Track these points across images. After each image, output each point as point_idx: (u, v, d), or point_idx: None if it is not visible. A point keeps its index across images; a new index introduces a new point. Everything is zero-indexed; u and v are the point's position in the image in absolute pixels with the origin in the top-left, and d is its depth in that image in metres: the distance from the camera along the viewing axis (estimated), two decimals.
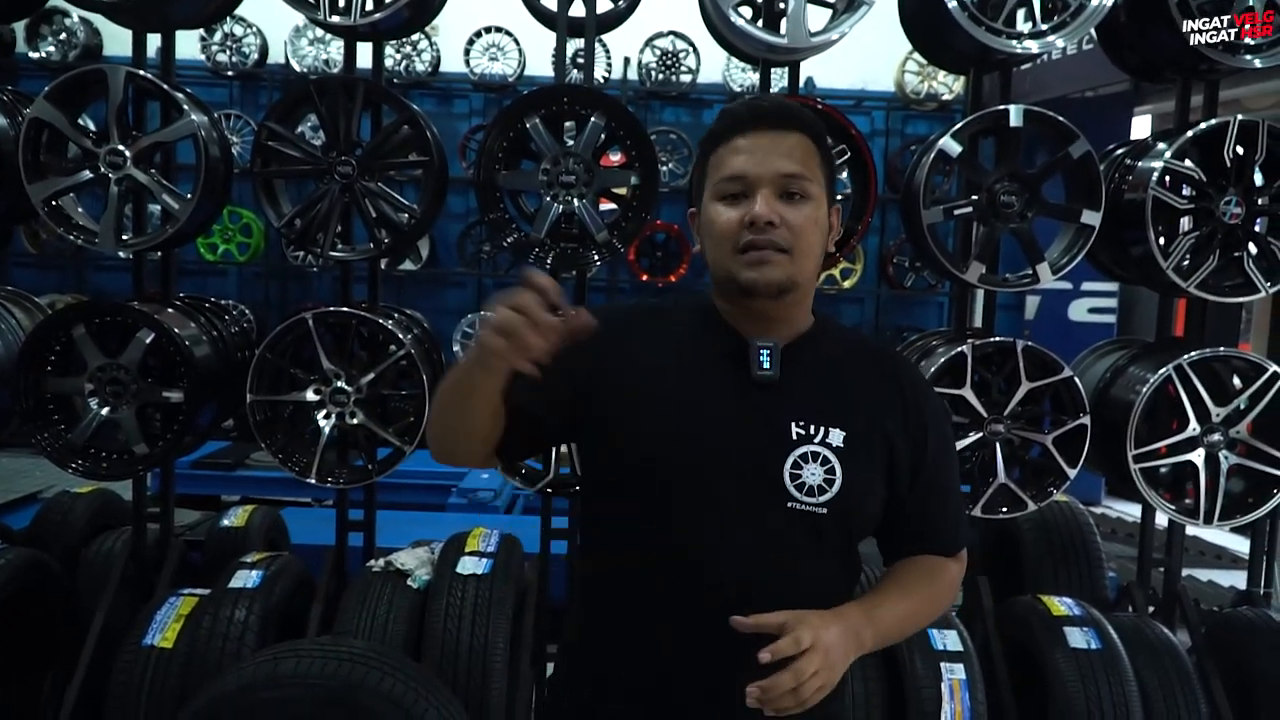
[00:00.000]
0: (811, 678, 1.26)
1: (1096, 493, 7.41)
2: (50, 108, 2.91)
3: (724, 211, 1.42)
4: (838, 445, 1.42)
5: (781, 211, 1.39)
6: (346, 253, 3.14)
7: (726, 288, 1.45)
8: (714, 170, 1.45)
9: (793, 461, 1.40)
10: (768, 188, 1.40)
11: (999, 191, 2.99)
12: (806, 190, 1.42)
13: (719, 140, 1.45)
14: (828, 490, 1.40)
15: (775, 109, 1.44)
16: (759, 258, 1.39)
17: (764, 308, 1.44)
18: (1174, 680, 2.86)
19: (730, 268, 1.42)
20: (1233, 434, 3.05)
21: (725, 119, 1.47)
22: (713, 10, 3.08)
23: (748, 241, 1.39)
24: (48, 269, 8.62)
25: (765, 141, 1.42)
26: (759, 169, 1.40)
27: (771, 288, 1.41)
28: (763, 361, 1.43)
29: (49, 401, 3.04)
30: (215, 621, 2.79)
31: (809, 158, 1.43)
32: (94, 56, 8.27)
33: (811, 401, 1.44)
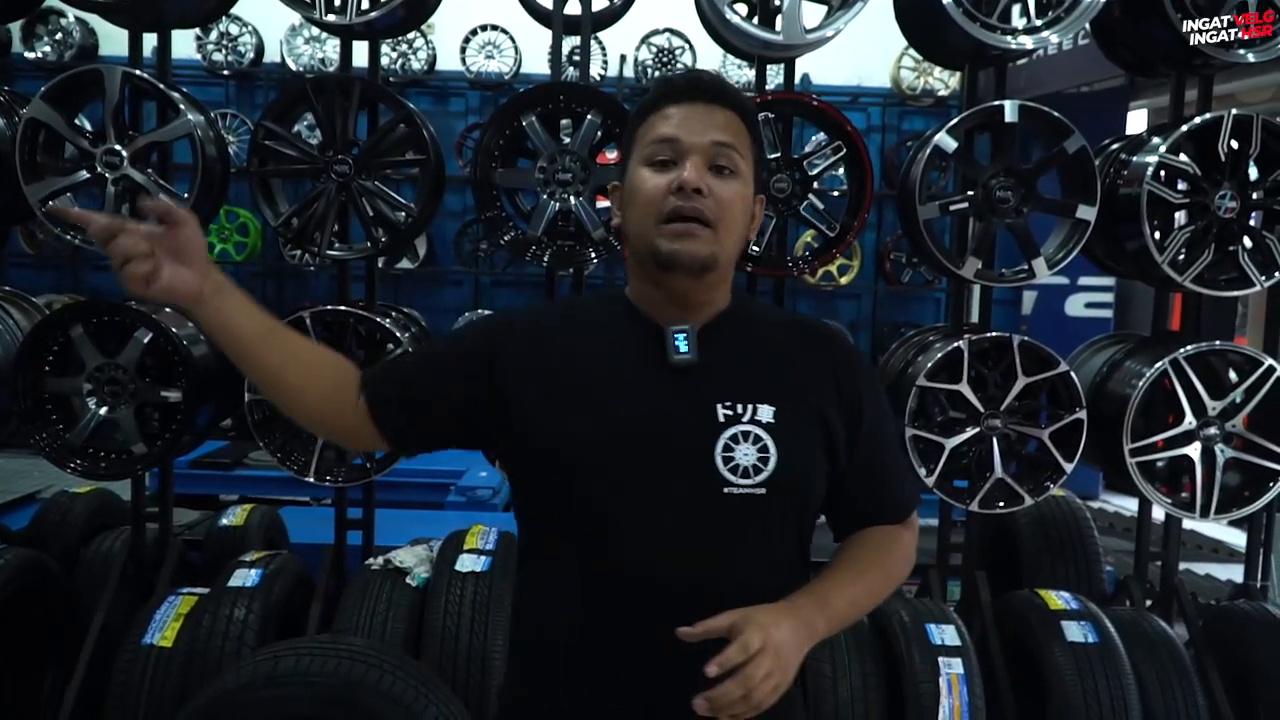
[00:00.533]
0: (764, 680, 1.21)
1: (1094, 487, 7.43)
2: (47, 108, 2.91)
3: (651, 177, 1.37)
4: (768, 421, 1.36)
5: (710, 183, 1.35)
6: (343, 252, 3.15)
7: (645, 262, 1.39)
8: (643, 136, 1.40)
9: (723, 444, 1.34)
10: (698, 155, 1.35)
11: (995, 187, 3.00)
12: (736, 165, 1.38)
13: (650, 109, 1.41)
14: (763, 469, 1.34)
15: (712, 82, 1.41)
16: (684, 229, 1.34)
17: (682, 287, 1.39)
18: (1171, 674, 2.86)
19: (652, 238, 1.36)
20: (1229, 428, 3.06)
21: (660, 87, 1.43)
22: (708, 7, 3.09)
23: (673, 209, 1.34)
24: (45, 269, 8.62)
25: (699, 111, 1.38)
26: (691, 136, 1.36)
27: (695, 262, 1.35)
28: (679, 345, 1.37)
29: (47, 401, 3.05)
30: (215, 620, 2.80)
31: (740, 135, 1.39)
32: (90, 56, 8.26)
33: (736, 380, 1.39)
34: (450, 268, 8.79)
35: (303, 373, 1.45)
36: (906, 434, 3.02)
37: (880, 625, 2.92)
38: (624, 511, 1.35)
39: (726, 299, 1.46)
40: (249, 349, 1.41)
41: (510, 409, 1.41)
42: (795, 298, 8.70)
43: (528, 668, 1.46)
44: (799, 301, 8.79)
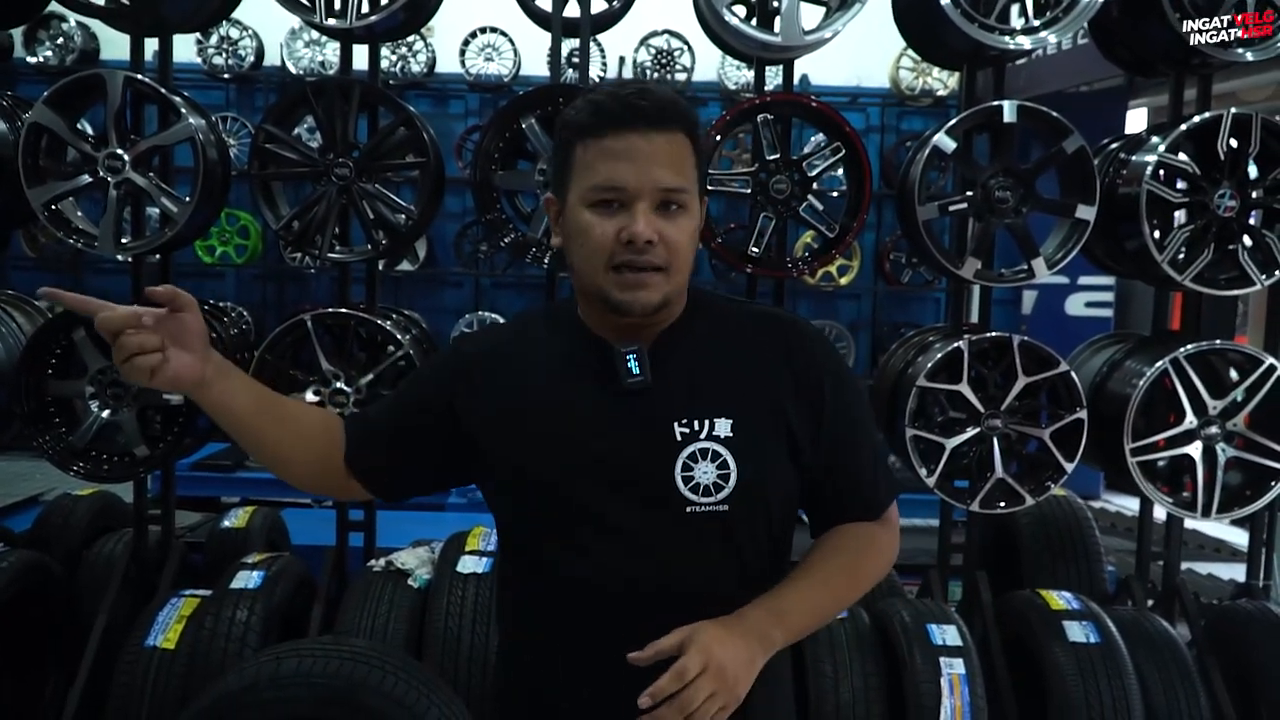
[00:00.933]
0: (706, 703, 1.19)
1: (1096, 487, 7.42)
2: (49, 112, 2.92)
3: (596, 223, 1.31)
4: (726, 435, 1.34)
5: (660, 228, 1.29)
6: (344, 254, 3.15)
7: (595, 301, 1.36)
8: (584, 171, 1.32)
9: (682, 464, 1.33)
10: (645, 200, 1.29)
11: (994, 187, 3.00)
12: (685, 202, 1.32)
13: (587, 133, 1.31)
14: (725, 486, 1.33)
15: (652, 106, 1.30)
16: (636, 281, 1.30)
17: (633, 324, 1.35)
18: (1173, 673, 2.86)
19: (602, 284, 1.32)
20: (1230, 427, 3.06)
21: (595, 113, 1.31)
22: (707, 9, 3.09)
23: (624, 260, 1.30)
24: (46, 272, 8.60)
25: (642, 145, 1.29)
26: (638, 181, 1.29)
27: (648, 309, 1.32)
28: (631, 368, 1.34)
29: (50, 404, 3.06)
30: (217, 622, 2.80)
31: (685, 162, 1.33)
32: (91, 61, 8.27)
33: (690, 396, 1.36)
34: (451, 270, 8.79)
35: (297, 444, 1.47)
36: (907, 434, 3.03)
37: (881, 625, 2.93)
38: (588, 537, 1.35)
39: (679, 309, 1.41)
40: (247, 427, 1.42)
41: (475, 444, 1.42)
42: (795, 298, 8.70)
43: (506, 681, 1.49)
44: (799, 302, 8.78)
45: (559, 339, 1.44)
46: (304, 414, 1.53)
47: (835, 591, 1.41)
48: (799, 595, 1.36)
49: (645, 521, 1.34)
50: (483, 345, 1.50)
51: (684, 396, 1.36)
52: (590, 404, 1.37)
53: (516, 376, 1.42)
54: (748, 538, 1.37)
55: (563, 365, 1.41)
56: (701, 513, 1.33)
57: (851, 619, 2.95)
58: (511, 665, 1.49)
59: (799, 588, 1.37)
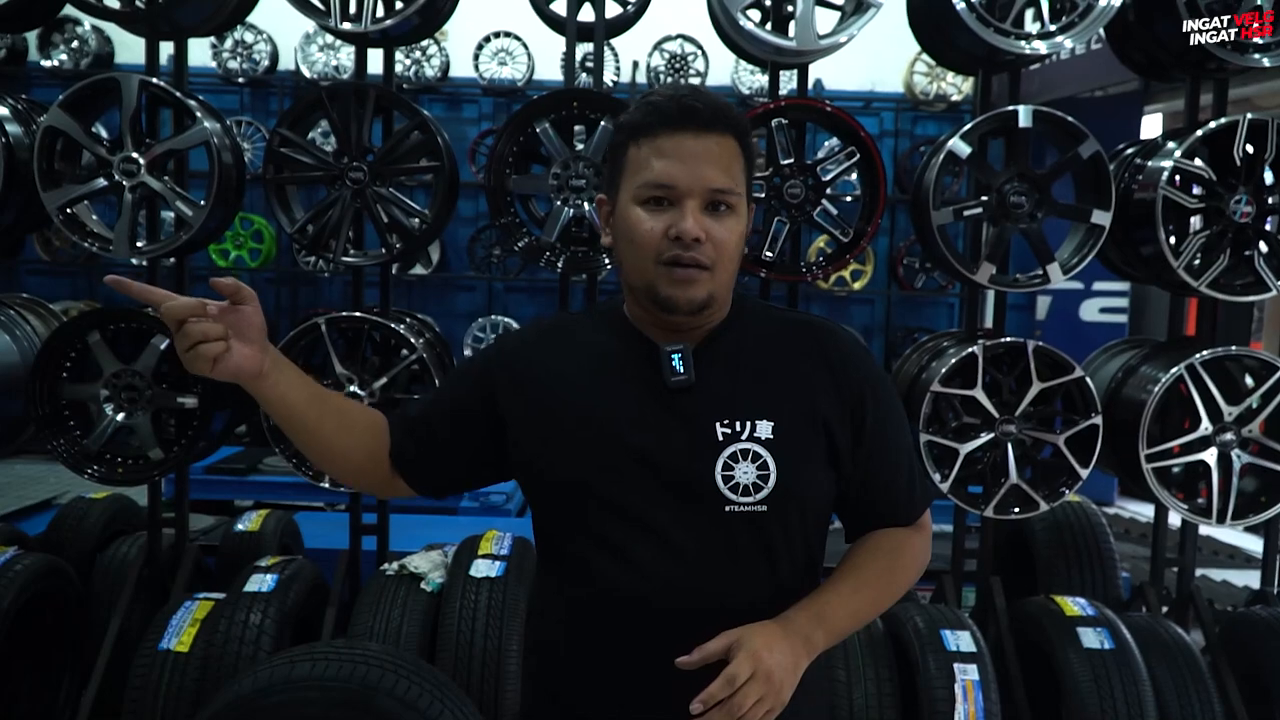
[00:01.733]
0: (754, 708, 1.21)
1: (1110, 493, 7.39)
2: (65, 116, 2.93)
3: (646, 219, 1.34)
4: (767, 437, 1.36)
5: (708, 227, 1.33)
6: (358, 258, 3.16)
7: (643, 297, 1.39)
8: (636, 168, 1.36)
9: (723, 463, 1.35)
10: (696, 199, 1.33)
11: (1009, 192, 2.99)
12: (733, 204, 1.36)
13: (640, 132, 1.35)
14: (764, 486, 1.34)
15: (706, 109, 1.34)
16: (684, 276, 1.33)
17: (679, 321, 1.38)
18: (1188, 680, 2.85)
19: (651, 278, 1.35)
20: (1245, 433, 3.05)
21: (651, 113, 1.35)
22: (721, 13, 3.09)
23: (672, 256, 1.33)
24: (61, 276, 8.66)
25: (694, 145, 1.33)
26: (688, 180, 1.32)
27: (693, 305, 1.35)
28: (676, 366, 1.37)
29: (65, 408, 3.07)
30: (230, 625, 2.81)
31: (735, 164, 1.36)
32: (106, 65, 8.31)
33: (733, 397, 1.38)
34: (464, 274, 8.80)
35: (346, 438, 1.50)
36: (921, 440, 3.01)
37: (895, 631, 2.92)
38: (628, 533, 1.36)
39: (724, 312, 1.44)
40: (300, 419, 1.45)
41: (515, 441, 1.44)
42: (808, 303, 8.68)
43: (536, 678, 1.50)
44: (812, 307, 8.76)
45: (604, 336, 1.46)
46: (353, 409, 1.54)
47: (873, 595, 1.43)
48: (839, 599, 1.38)
49: (684, 519, 1.35)
50: (527, 339, 1.51)
51: (727, 397, 1.38)
52: (633, 401, 1.39)
53: (559, 371, 1.44)
54: (783, 540, 1.38)
55: (606, 362, 1.43)
56: (740, 513, 1.35)
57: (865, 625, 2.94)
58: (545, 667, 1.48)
59: (839, 591, 1.39)
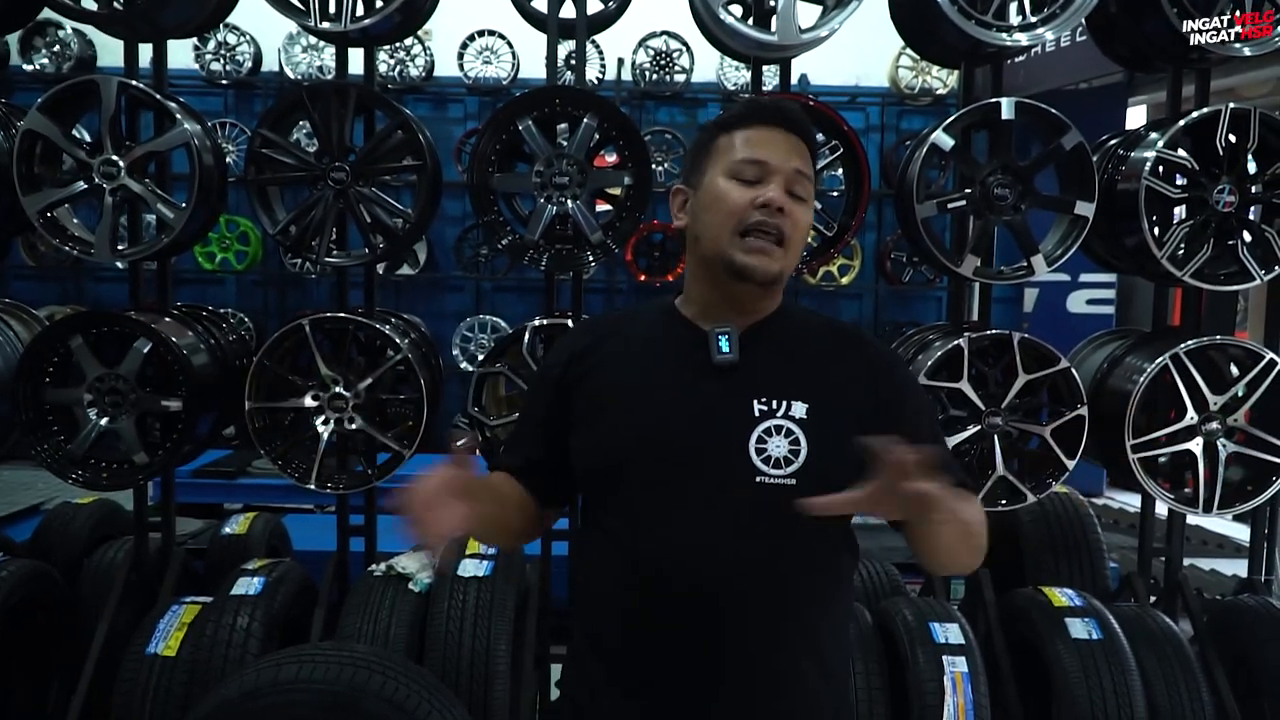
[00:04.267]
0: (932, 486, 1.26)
1: (1099, 484, 7.41)
2: (44, 119, 2.91)
3: (735, 188, 1.47)
4: (800, 417, 1.44)
5: (789, 205, 1.47)
6: (341, 258, 3.15)
7: (715, 266, 1.50)
8: (728, 149, 1.50)
9: (757, 437, 1.43)
10: (782, 178, 1.47)
11: (992, 184, 3.00)
12: (808, 193, 1.50)
13: (736, 124, 1.52)
14: (794, 460, 1.42)
15: (796, 113, 1.53)
16: (760, 246, 1.46)
17: (745, 294, 1.50)
18: (1176, 669, 2.86)
19: (727, 247, 1.47)
20: (1230, 422, 3.06)
21: (749, 106, 1.54)
22: (703, 9, 3.09)
23: (755, 222, 1.45)
24: (46, 281, 8.61)
25: (782, 137, 1.50)
26: (778, 159, 1.47)
27: (766, 276, 1.47)
28: (721, 346, 1.48)
29: (49, 413, 3.05)
30: (218, 629, 2.80)
31: (811, 166, 1.52)
32: (88, 68, 8.26)
33: (772, 378, 1.47)
34: (451, 273, 8.78)
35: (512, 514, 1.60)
36: None
37: (884, 624, 2.92)
38: (665, 502, 1.44)
39: (776, 304, 1.56)
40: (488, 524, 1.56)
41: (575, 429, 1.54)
42: (797, 298, 8.67)
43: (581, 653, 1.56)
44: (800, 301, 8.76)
45: (655, 327, 1.58)
46: (498, 485, 1.61)
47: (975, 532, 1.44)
48: None
49: (718, 489, 1.43)
50: (593, 326, 1.66)
51: (766, 378, 1.48)
52: (678, 381, 1.50)
53: (620, 358, 1.55)
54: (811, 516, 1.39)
55: (656, 346, 1.55)
56: (770, 484, 1.42)
57: (854, 618, 2.95)
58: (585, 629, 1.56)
59: None
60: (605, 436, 1.49)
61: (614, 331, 1.59)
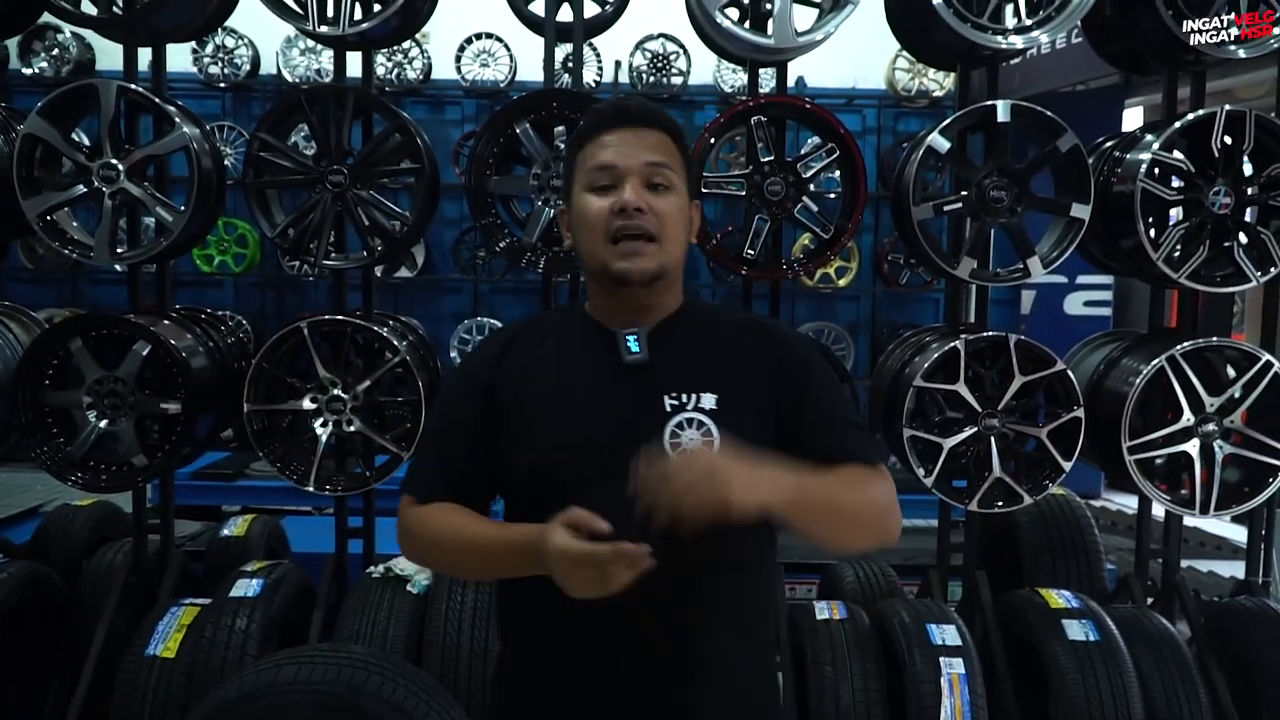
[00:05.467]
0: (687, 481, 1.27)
1: (1096, 486, 7.41)
2: (43, 123, 2.92)
3: (594, 201, 1.50)
4: (710, 408, 1.49)
5: (649, 200, 1.48)
6: (339, 261, 3.16)
7: (600, 277, 1.53)
8: (583, 164, 1.53)
9: (670, 430, 1.47)
10: (635, 177, 1.49)
11: (989, 187, 3.00)
12: (670, 180, 1.51)
13: (586, 138, 1.54)
14: None
15: (639, 108, 1.54)
16: (631, 249, 1.48)
17: (635, 296, 1.52)
18: (1173, 671, 2.86)
19: (603, 257, 1.50)
20: (1227, 424, 3.06)
21: (592, 118, 1.55)
22: (700, 12, 3.10)
23: (618, 228, 1.48)
24: (45, 283, 8.61)
25: (630, 136, 1.51)
26: (626, 160, 1.49)
27: (645, 275, 1.49)
28: (631, 346, 1.51)
29: (48, 415, 3.06)
30: (217, 630, 2.80)
31: (671, 153, 1.53)
32: (87, 72, 8.26)
33: (681, 373, 1.51)
34: (449, 276, 8.78)
35: None
36: (904, 435, 3.03)
37: (881, 626, 2.93)
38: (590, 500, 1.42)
39: (678, 301, 1.59)
40: None
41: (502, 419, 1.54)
42: (794, 300, 8.69)
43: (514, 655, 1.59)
44: (797, 304, 8.77)
45: (565, 331, 1.60)
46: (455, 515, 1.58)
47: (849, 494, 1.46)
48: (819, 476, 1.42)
49: None
50: (503, 335, 1.64)
51: (675, 375, 1.51)
52: (594, 383, 1.53)
53: (530, 361, 1.57)
54: None
55: (570, 350, 1.57)
56: None
57: (851, 620, 2.95)
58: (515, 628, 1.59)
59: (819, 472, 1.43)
60: (531, 440, 1.51)
61: (529, 337, 1.61)
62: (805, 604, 3.12)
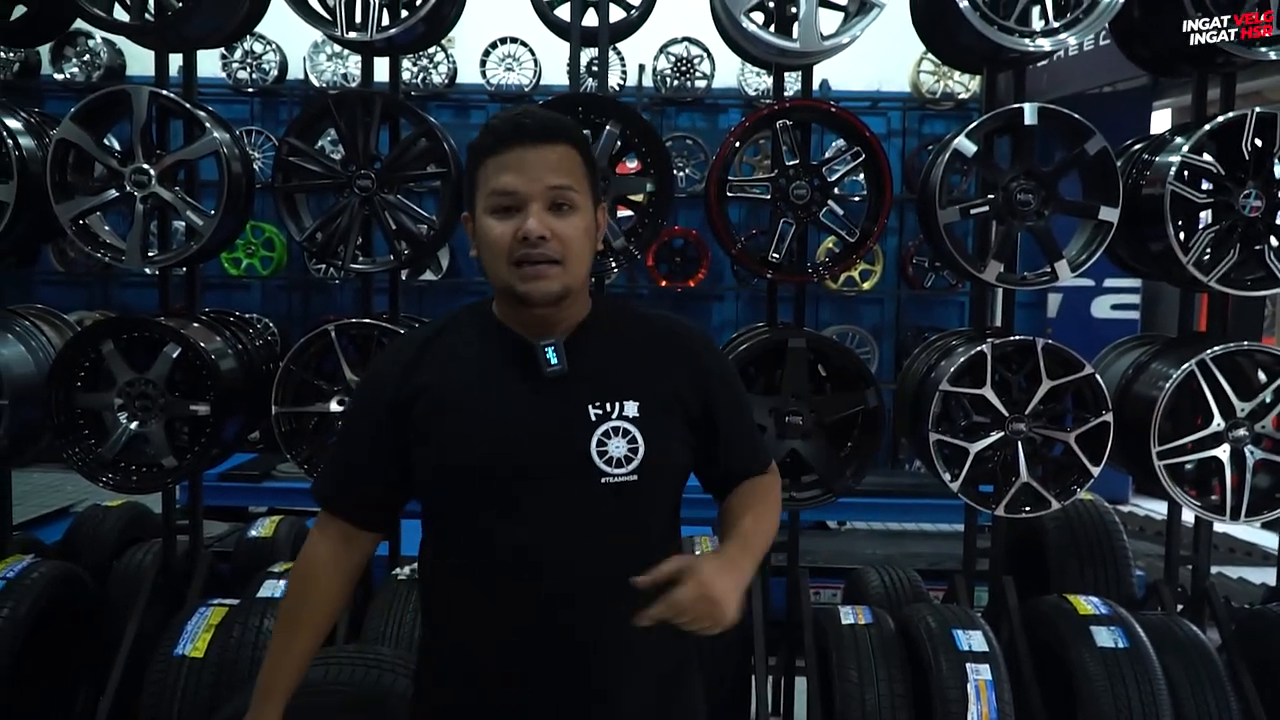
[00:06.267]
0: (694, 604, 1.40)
1: (1124, 491, 7.36)
2: (76, 128, 2.96)
3: (496, 225, 1.50)
4: (634, 415, 1.53)
5: (552, 225, 1.48)
6: (367, 265, 3.18)
7: (506, 296, 1.54)
8: (484, 183, 1.52)
9: (597, 440, 1.50)
10: (537, 202, 1.48)
11: (1015, 190, 2.99)
12: (573, 201, 1.50)
13: (485, 153, 1.52)
14: (634, 458, 1.51)
15: (537, 124, 1.51)
16: (535, 273, 1.48)
17: (542, 314, 1.54)
18: (1203, 678, 2.83)
19: (507, 279, 1.51)
20: (1258, 429, 3.03)
21: (489, 134, 1.53)
22: (725, 16, 3.10)
23: (521, 255, 1.48)
24: (75, 286, 8.72)
25: (531, 156, 1.49)
26: (528, 185, 1.48)
27: (549, 298, 1.50)
28: (550, 358, 1.52)
29: (79, 416, 3.09)
30: (245, 631, 2.82)
31: (574, 168, 1.52)
32: (117, 77, 8.36)
33: (602, 383, 1.54)
34: (473, 279, 8.82)
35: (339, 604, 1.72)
36: (930, 439, 3.01)
37: (907, 631, 2.91)
38: (516, 513, 1.50)
39: (586, 308, 1.61)
40: None
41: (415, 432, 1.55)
42: (818, 304, 8.67)
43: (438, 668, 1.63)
44: (821, 307, 8.75)
45: (479, 338, 1.60)
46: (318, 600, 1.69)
47: (768, 525, 1.66)
48: (750, 529, 1.61)
49: (567, 494, 1.51)
50: (414, 342, 1.63)
51: (596, 383, 1.55)
52: (515, 392, 1.54)
53: (447, 369, 1.57)
54: (650, 504, 1.57)
55: (488, 359, 1.57)
56: (614, 483, 1.51)
57: (877, 625, 2.94)
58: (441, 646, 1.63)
59: (745, 525, 1.61)
60: (449, 450, 1.52)
61: (436, 344, 1.60)
62: (830, 608, 3.10)
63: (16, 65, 8.42)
